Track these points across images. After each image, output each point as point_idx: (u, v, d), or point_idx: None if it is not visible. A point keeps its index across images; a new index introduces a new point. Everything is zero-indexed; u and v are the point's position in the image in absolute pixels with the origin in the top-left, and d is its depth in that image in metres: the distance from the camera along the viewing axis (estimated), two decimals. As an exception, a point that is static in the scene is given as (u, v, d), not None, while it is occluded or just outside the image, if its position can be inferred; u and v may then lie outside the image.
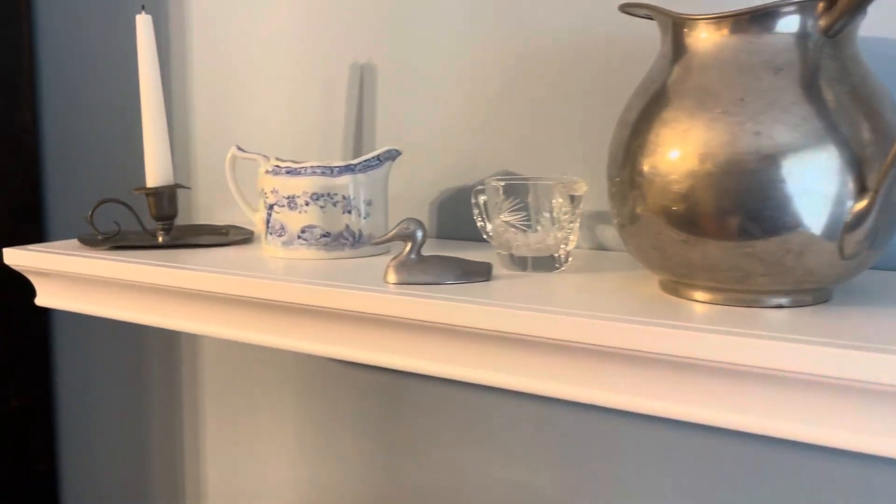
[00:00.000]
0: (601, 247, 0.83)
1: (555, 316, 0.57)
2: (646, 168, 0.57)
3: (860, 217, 0.53)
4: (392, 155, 0.81)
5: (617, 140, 0.62)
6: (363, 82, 0.96)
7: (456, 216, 0.91)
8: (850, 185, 0.53)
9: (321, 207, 0.79)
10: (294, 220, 0.79)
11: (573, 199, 0.70)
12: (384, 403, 1.01)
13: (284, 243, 0.80)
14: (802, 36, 0.55)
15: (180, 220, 1.10)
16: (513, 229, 0.71)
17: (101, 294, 0.87)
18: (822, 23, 0.55)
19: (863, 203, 0.53)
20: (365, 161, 0.80)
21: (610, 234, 0.82)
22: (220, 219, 1.09)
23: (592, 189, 0.74)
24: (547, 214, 0.70)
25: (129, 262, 0.81)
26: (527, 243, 0.71)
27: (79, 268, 0.85)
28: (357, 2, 0.96)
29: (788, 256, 0.54)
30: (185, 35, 1.11)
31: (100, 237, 0.91)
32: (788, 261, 0.54)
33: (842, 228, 0.53)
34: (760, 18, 0.55)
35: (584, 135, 0.82)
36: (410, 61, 0.93)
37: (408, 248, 0.68)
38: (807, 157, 0.53)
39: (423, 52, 0.91)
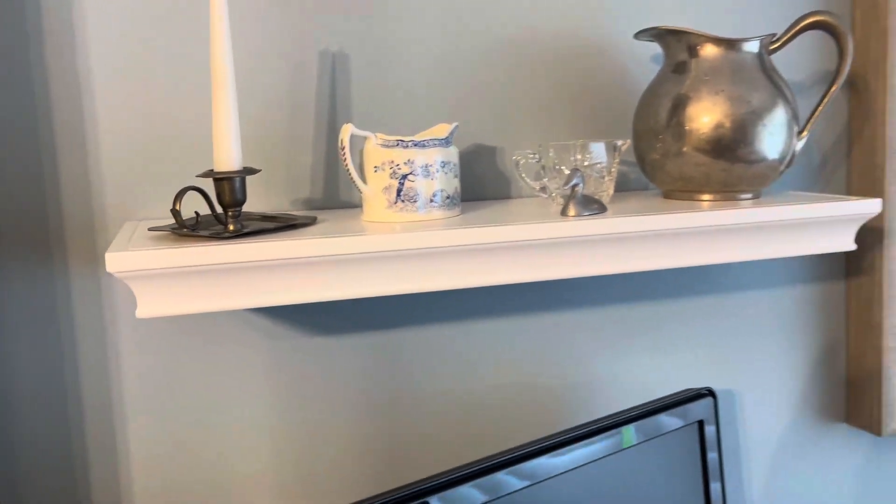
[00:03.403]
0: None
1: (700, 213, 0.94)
2: (687, 126, 0.99)
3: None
4: (457, 129, 0.99)
5: (652, 116, 1.01)
6: (335, 69, 1.05)
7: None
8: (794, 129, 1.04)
9: (445, 173, 0.93)
10: (427, 187, 0.91)
11: (616, 151, 1.03)
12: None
13: (419, 208, 0.91)
14: (759, 55, 1.03)
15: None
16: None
17: (224, 286, 0.81)
18: (770, 47, 1.04)
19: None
20: (450, 134, 0.96)
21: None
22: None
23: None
24: (603, 164, 1.01)
25: (295, 240, 0.81)
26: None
27: (207, 258, 0.79)
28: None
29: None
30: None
31: (185, 229, 0.82)
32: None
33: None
34: (738, 42, 1.01)
35: (543, 113, 1.13)
36: (382, 48, 1.06)
37: (578, 190, 0.92)
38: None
39: (399, 39, 1.07)
